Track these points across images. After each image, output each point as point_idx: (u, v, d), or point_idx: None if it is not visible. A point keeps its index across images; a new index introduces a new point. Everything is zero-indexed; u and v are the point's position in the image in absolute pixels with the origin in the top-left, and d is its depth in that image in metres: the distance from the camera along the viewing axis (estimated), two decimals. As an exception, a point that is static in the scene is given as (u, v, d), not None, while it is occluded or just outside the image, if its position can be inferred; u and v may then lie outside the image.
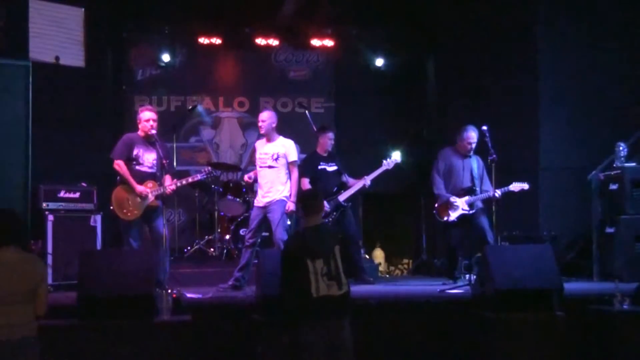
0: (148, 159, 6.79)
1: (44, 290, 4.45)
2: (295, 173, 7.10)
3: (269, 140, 7.14)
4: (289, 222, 7.19)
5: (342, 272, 4.88)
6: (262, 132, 7.16)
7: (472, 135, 7.46)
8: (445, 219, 7.44)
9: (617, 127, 8.24)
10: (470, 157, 7.55)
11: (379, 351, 6.03)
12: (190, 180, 6.98)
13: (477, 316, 5.89)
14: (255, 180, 7.26)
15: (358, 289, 7.41)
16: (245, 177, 7.46)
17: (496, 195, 7.15)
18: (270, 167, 7.04)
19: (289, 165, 7.07)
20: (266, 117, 7.13)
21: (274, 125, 7.13)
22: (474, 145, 7.48)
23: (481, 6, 8.91)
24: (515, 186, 7.26)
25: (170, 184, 6.76)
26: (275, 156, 7.04)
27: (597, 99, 8.54)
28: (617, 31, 8.53)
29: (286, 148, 7.08)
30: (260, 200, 7.06)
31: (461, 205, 7.38)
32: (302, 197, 5.64)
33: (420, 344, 6.08)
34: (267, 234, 7.45)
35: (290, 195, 7.01)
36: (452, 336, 6.06)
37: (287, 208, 6.98)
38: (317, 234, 4.99)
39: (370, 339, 6.01)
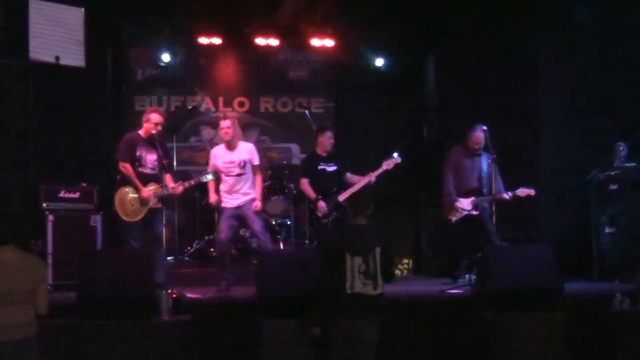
0: (150, 160, 6.81)
1: (45, 290, 4.46)
2: (259, 176, 7.19)
3: (231, 147, 7.14)
4: None
5: (379, 273, 4.90)
6: (227, 139, 7.12)
7: (480, 135, 7.47)
8: (450, 218, 7.44)
9: (617, 127, 8.24)
10: (480, 155, 7.56)
11: (379, 351, 6.03)
12: (193, 182, 6.99)
13: (477, 316, 5.89)
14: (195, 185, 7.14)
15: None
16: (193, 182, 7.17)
17: (506, 197, 7.16)
18: (239, 174, 7.07)
19: (253, 168, 7.13)
20: (231, 125, 7.13)
21: (237, 132, 7.19)
22: (482, 145, 7.50)
23: (481, 6, 8.91)
24: (522, 191, 7.26)
25: (176, 185, 6.78)
26: (242, 163, 7.08)
27: (597, 99, 8.54)
28: (618, 30, 8.53)
29: (249, 153, 7.14)
30: (231, 202, 7.08)
31: (466, 206, 7.38)
32: (352, 196, 5.66)
33: (420, 344, 6.08)
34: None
35: (257, 195, 7.12)
36: (452, 336, 6.06)
37: (254, 207, 7.04)
38: (361, 232, 5.04)
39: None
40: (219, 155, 7.19)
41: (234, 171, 7.07)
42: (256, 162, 7.16)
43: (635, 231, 7.57)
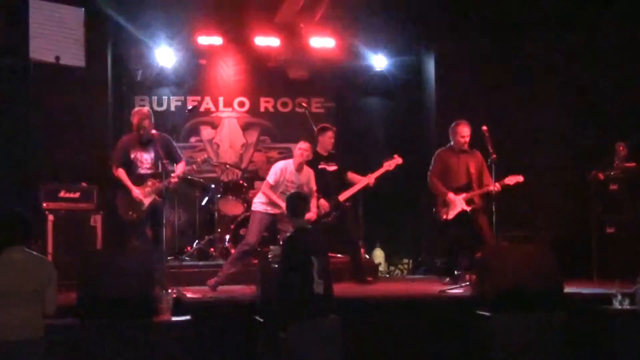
0: (147, 159, 6.84)
1: (53, 290, 4.49)
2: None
3: (300, 170, 7.24)
4: None
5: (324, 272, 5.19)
6: (301, 160, 7.21)
7: (464, 129, 7.42)
8: (445, 217, 7.40)
9: (617, 126, 8.24)
10: (466, 152, 7.50)
11: (379, 351, 6.03)
12: (186, 170, 7.03)
13: (477, 316, 5.89)
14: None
15: (358, 289, 7.43)
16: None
17: (496, 187, 7.01)
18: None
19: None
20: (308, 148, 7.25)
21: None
22: (467, 139, 7.43)
23: (481, 7, 8.91)
24: (511, 179, 7.20)
25: (170, 178, 6.82)
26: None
27: (597, 99, 8.54)
28: (618, 30, 8.54)
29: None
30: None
31: (459, 203, 7.32)
32: (290, 199, 5.82)
33: (420, 344, 6.09)
34: (265, 234, 7.48)
35: None
36: (452, 336, 6.06)
37: None
38: (315, 234, 5.33)
39: (370, 338, 6.03)
40: (287, 174, 7.22)
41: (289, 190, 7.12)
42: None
43: (635, 231, 7.57)
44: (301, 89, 10.06)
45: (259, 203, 7.25)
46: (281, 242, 6.89)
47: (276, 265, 5.55)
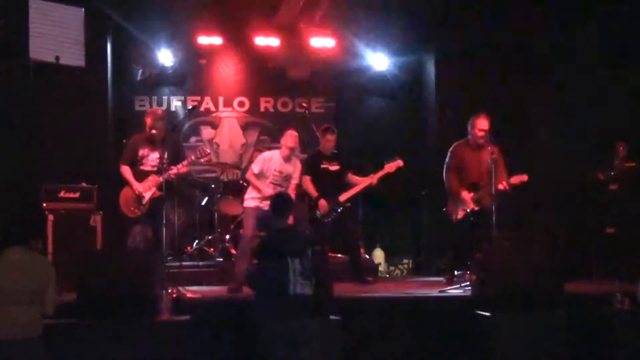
0: (153, 158, 6.98)
1: (52, 291, 4.50)
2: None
3: (288, 160, 7.35)
4: None
5: (312, 274, 5.24)
6: (292, 147, 7.34)
7: (483, 122, 7.19)
8: (455, 217, 7.30)
9: (617, 127, 8.24)
10: (482, 147, 7.23)
11: (379, 351, 6.03)
12: (186, 163, 7.05)
13: (477, 316, 5.89)
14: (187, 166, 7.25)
15: (358, 289, 7.43)
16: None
17: (501, 187, 6.91)
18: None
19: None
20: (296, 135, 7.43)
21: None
22: (485, 134, 7.21)
23: (481, 7, 8.92)
24: (516, 179, 7.09)
25: (173, 169, 6.84)
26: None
27: (597, 99, 8.54)
28: (617, 30, 8.53)
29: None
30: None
31: (468, 202, 7.23)
32: (274, 199, 5.85)
33: (421, 344, 6.08)
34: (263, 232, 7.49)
35: None
36: (452, 336, 6.06)
37: None
38: (293, 234, 5.37)
39: (370, 338, 6.02)
40: (276, 164, 7.30)
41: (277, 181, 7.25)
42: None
43: (635, 231, 7.57)
44: (301, 89, 10.06)
45: (250, 199, 7.29)
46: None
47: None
